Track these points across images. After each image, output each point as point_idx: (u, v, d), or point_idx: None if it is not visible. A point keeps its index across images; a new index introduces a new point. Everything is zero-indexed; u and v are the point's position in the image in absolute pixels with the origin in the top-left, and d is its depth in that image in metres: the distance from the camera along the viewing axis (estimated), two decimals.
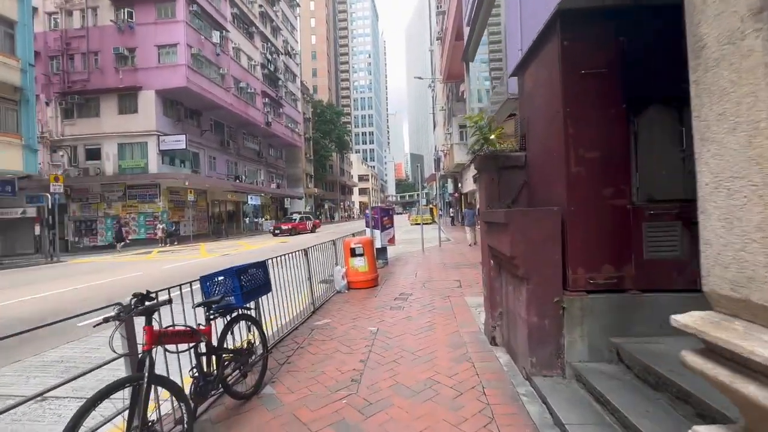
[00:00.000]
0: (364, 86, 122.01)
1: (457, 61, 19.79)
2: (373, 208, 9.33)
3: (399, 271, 8.36)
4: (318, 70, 64.91)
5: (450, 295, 5.81)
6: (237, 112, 28.62)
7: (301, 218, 28.31)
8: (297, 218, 28.23)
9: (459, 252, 11.55)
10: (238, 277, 2.76)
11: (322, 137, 55.30)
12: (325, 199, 59.64)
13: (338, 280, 6.43)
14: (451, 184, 39.78)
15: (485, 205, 3.59)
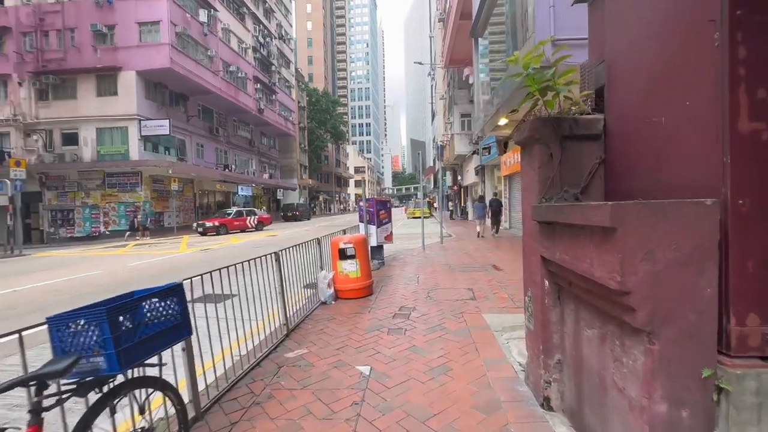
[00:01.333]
0: (362, 76, 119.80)
1: (460, 43, 18.40)
2: (368, 200, 8.05)
3: (397, 275, 7.12)
4: (314, 58, 62.93)
5: (464, 311, 4.58)
6: (227, 97, 27.05)
7: (238, 213, 22.86)
8: (233, 213, 22.67)
9: (464, 250, 10.33)
10: (112, 319, 1.48)
11: (317, 127, 53.71)
12: (320, 190, 58.20)
13: (323, 289, 5.18)
14: (450, 176, 38.61)
15: (536, 196, 2.34)
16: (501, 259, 8.60)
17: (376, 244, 7.98)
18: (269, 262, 3.89)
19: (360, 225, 8.15)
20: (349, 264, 5.34)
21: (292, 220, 33.72)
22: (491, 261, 8.32)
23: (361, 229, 7.99)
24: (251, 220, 23.22)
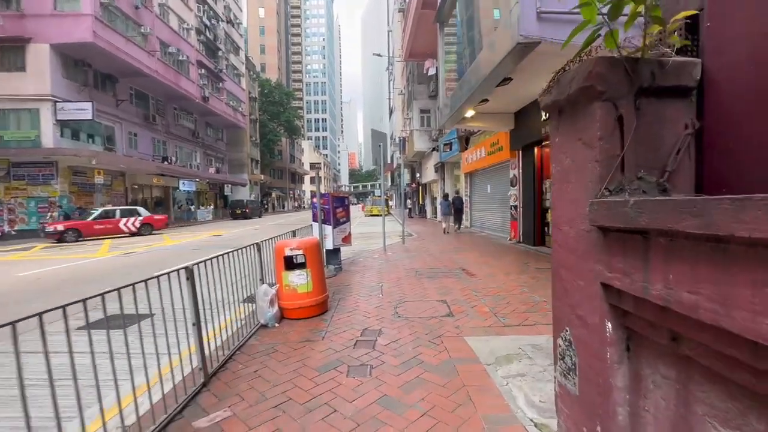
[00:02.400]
0: (318, 70, 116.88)
1: (421, 35, 17.68)
2: (323, 196, 6.96)
3: (357, 284, 6.11)
4: (267, 47, 59.70)
5: (442, 334, 3.68)
6: (165, 81, 24.30)
7: (105, 214, 16.88)
8: (98, 213, 16.83)
9: (428, 252, 9.54)
10: None
11: (269, 120, 50.99)
12: (273, 187, 55.46)
13: (263, 309, 4.04)
14: (408, 174, 38.23)
15: (590, 186, 1.46)
16: (469, 261, 7.89)
17: (332, 247, 6.92)
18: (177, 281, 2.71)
19: (313, 225, 7.03)
20: (298, 275, 4.24)
21: (241, 217, 31.41)
22: (460, 264, 7.57)
23: (315, 231, 6.89)
24: (131, 223, 17.51)
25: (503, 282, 5.84)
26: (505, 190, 12.00)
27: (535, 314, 4.20)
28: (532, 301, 4.74)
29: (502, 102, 8.94)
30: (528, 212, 10.15)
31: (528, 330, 3.74)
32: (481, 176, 14.76)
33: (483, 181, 14.56)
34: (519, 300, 4.80)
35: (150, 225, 18.71)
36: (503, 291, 5.27)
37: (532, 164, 9.80)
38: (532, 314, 4.21)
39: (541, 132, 8.51)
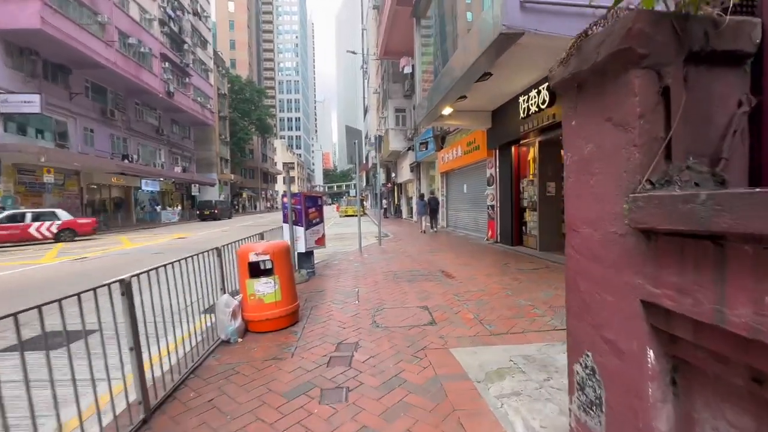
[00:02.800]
0: (291, 68, 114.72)
1: (397, 32, 17.41)
2: (295, 195, 6.49)
3: (332, 289, 5.70)
4: (237, 43, 57.78)
5: (425, 346, 3.35)
6: (124, 74, 22.82)
7: (11, 218, 14.48)
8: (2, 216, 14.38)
9: (406, 253, 9.24)
10: None
11: (240, 117, 49.35)
12: (244, 187, 53.75)
13: (224, 322, 3.57)
14: (383, 174, 37.99)
15: (630, 177, 1.15)
16: (448, 262, 7.64)
17: (304, 250, 6.46)
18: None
19: (284, 227, 6.56)
20: (265, 284, 3.79)
21: (210, 219, 30.10)
22: (439, 266, 7.30)
23: (286, 233, 6.42)
24: (45, 228, 14.83)
25: (485, 285, 5.60)
26: (481, 189, 11.89)
27: (522, 320, 3.95)
28: (517, 305, 4.50)
29: (480, 99, 8.77)
30: (505, 212, 10.05)
31: (517, 339, 3.47)
32: (458, 176, 14.64)
33: (459, 180, 14.45)
34: (503, 304, 4.54)
35: (72, 230, 15.61)
36: (486, 294, 5.02)
37: (509, 163, 9.70)
38: (519, 320, 3.95)
39: (519, 130, 8.39)
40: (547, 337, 3.47)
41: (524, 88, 7.93)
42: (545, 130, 7.89)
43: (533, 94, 7.55)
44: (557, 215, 8.76)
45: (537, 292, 5.10)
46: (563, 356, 3.06)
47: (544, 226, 8.54)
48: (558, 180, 8.69)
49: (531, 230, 9.13)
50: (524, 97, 7.95)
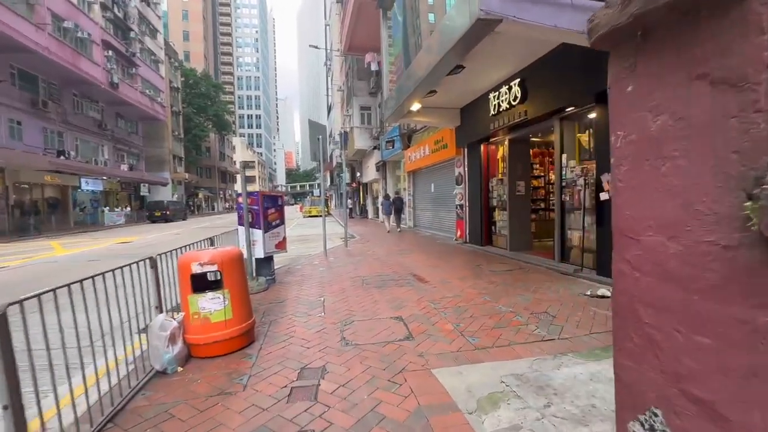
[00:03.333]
0: (251, 64, 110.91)
1: (362, 26, 16.91)
2: (252, 195, 5.83)
3: (294, 299, 5.11)
4: (191, 34, 54.58)
5: (404, 367, 2.90)
6: (59, 61, 20.55)
7: None
8: None
9: (374, 255, 8.78)
10: None
11: (195, 113, 46.66)
12: (200, 186, 50.91)
13: (159, 349, 2.92)
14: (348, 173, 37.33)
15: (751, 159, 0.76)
16: (418, 264, 7.27)
17: (263, 255, 5.81)
18: None
19: (239, 230, 5.87)
20: (212, 299, 3.17)
21: (161, 221, 28.00)
22: (409, 269, 6.91)
23: (241, 237, 5.75)
24: None
25: (460, 289, 5.25)
26: (450, 188, 11.68)
27: (506, 330, 3.61)
28: (497, 312, 4.17)
29: (450, 95, 8.49)
30: (474, 211, 9.87)
31: (504, 353, 3.11)
32: (425, 175, 14.40)
33: (427, 179, 14.21)
34: (483, 311, 4.20)
35: None
36: (463, 301, 4.67)
37: (478, 162, 9.52)
38: (502, 330, 3.61)
39: (488, 128, 8.19)
40: (536, 350, 3.14)
41: (494, 85, 7.73)
42: (515, 128, 7.73)
43: (504, 91, 7.36)
44: (527, 215, 8.67)
45: (514, 296, 4.82)
46: (558, 373, 2.73)
47: (514, 225, 8.41)
48: (528, 179, 8.59)
49: (501, 230, 8.99)
50: (494, 93, 7.75)
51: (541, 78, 6.44)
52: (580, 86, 5.61)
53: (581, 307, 4.23)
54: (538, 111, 6.62)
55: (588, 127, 6.35)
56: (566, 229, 6.72)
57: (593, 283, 5.31)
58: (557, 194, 6.80)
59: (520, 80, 6.88)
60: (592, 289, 4.83)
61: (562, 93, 6.01)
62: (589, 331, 3.51)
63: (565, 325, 3.67)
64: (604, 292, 4.69)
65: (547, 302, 4.48)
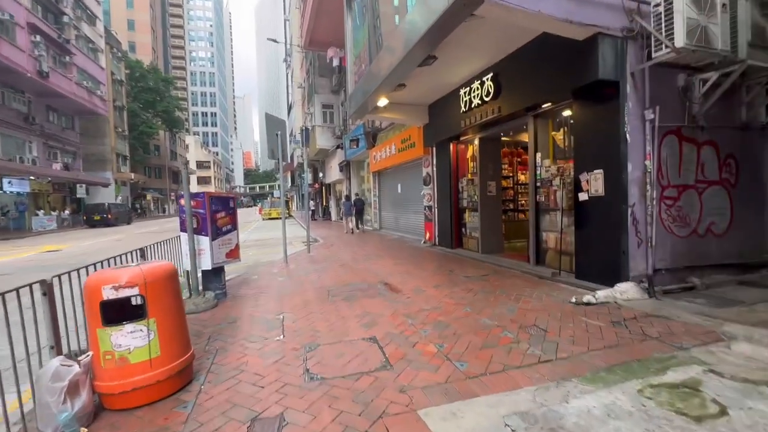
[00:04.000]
0: (205, 59, 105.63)
1: (324, 18, 16.14)
2: (196, 197, 5.01)
3: (247, 319, 4.38)
4: (137, 23, 50.65)
5: (385, 410, 2.33)
6: None
7: None
8: None
9: (339, 261, 8.14)
10: None
11: (142, 108, 43.28)
12: (148, 187, 47.34)
13: (51, 407, 2.14)
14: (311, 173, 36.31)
15: None
16: (388, 271, 6.74)
17: (211, 266, 5.01)
18: None
19: (182, 237, 5.03)
20: (131, 334, 2.43)
21: (102, 225, 25.50)
22: (379, 276, 6.36)
23: (184, 246, 4.94)
24: None
25: (437, 299, 4.77)
26: (417, 189, 11.28)
27: (497, 350, 3.15)
28: (482, 327, 3.72)
29: (418, 91, 8.05)
30: (444, 213, 9.51)
31: (500, 382, 2.63)
32: (391, 175, 13.93)
33: (393, 180, 13.74)
34: (467, 327, 3.73)
35: None
36: (442, 314, 4.18)
37: (447, 162, 9.17)
38: (493, 350, 3.15)
39: (459, 126, 7.83)
40: (535, 376, 2.70)
41: (466, 80, 7.37)
42: (487, 126, 7.42)
43: (475, 86, 7.01)
44: (499, 216, 8.42)
45: (497, 305, 4.41)
46: (568, 408, 2.28)
47: (486, 227, 8.12)
48: (499, 179, 8.34)
49: (471, 232, 8.68)
50: (465, 89, 7.40)
51: (515, 72, 6.14)
52: (557, 81, 5.33)
53: (570, 318, 3.88)
54: (512, 107, 6.31)
55: (563, 124, 6.12)
56: (541, 231, 6.47)
57: (575, 289, 5.04)
58: (531, 195, 6.54)
59: (493, 74, 6.55)
60: (577, 296, 4.52)
61: (538, 88, 5.73)
62: (587, 348, 3.13)
63: (559, 342, 3.27)
64: (589, 299, 4.39)
65: (533, 313, 4.09)
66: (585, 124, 5.22)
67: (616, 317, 3.86)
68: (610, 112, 4.83)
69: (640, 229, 4.81)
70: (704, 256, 5.26)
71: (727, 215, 5.45)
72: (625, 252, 4.75)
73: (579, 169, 5.32)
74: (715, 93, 4.92)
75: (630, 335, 3.38)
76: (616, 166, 4.78)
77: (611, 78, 4.65)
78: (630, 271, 4.77)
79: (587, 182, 5.18)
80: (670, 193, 5.06)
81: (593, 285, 4.98)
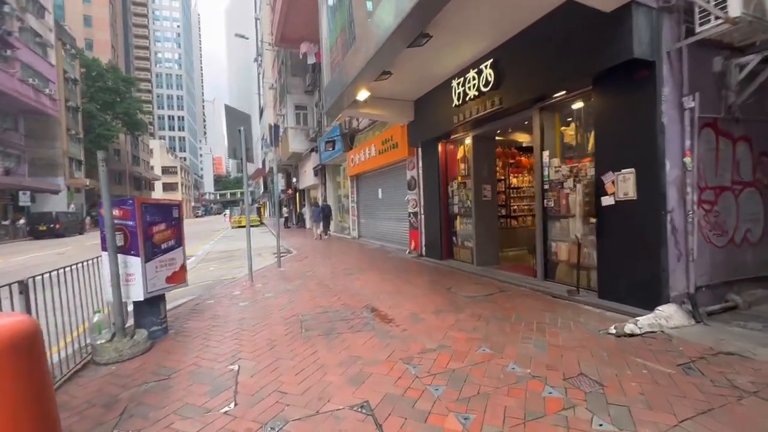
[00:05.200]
0: (172, 60, 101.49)
1: (296, 12, 15.07)
2: (122, 205, 3.79)
3: (187, 372, 3.20)
4: (94, 19, 47.35)
5: None
6: None
7: None
8: None
9: (315, 278, 7.01)
10: None
11: (100, 110, 40.23)
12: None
13: None
14: (283, 179, 34.80)
15: None
16: (373, 290, 5.67)
17: (143, 296, 3.79)
18: None
19: (104, 257, 3.78)
20: None
21: (49, 236, 23.00)
22: (364, 298, 5.28)
23: (105, 270, 3.71)
24: None
25: (441, 332, 3.76)
26: (401, 194, 10.32)
27: (550, 425, 2.16)
28: (513, 379, 2.73)
29: (405, 82, 7.11)
30: (432, 220, 8.57)
31: None
32: (371, 179, 12.91)
33: (373, 184, 12.72)
34: (493, 380, 2.73)
35: None
36: (454, 357, 3.17)
37: (436, 163, 8.26)
38: (543, 425, 2.15)
39: (451, 122, 6.92)
40: None
41: (460, 68, 6.48)
42: (483, 122, 6.56)
43: (471, 75, 6.13)
44: (495, 223, 7.56)
45: (520, 340, 3.45)
46: None
47: (482, 236, 7.23)
48: (494, 182, 7.50)
49: (464, 241, 7.77)
50: (459, 80, 6.51)
51: (520, 58, 5.28)
52: (574, 66, 4.51)
53: (622, 359, 2.97)
54: (516, 99, 5.46)
55: (574, 118, 5.31)
56: (550, 240, 5.62)
57: (603, 312, 4.17)
58: (538, 199, 5.68)
59: (493, 61, 5.68)
60: (616, 324, 3.63)
61: (549, 76, 4.88)
62: (674, 415, 2.20)
63: (630, 405, 2.33)
64: (632, 329, 3.51)
65: (570, 351, 3.16)
66: (609, 115, 4.40)
67: (678, 356, 2.98)
68: (642, 100, 4.02)
69: (679, 239, 4.01)
70: (741, 268, 4.55)
71: (761, 221, 4.79)
72: (665, 268, 3.93)
73: (601, 169, 4.49)
74: (754, 81, 4.24)
75: (714, 388, 2.49)
76: (651, 164, 3.97)
77: (646, 57, 3.85)
78: (670, 290, 3.95)
79: (612, 184, 4.35)
80: (708, 196, 4.31)
81: (623, 307, 4.14)
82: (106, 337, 3.55)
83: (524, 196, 9.41)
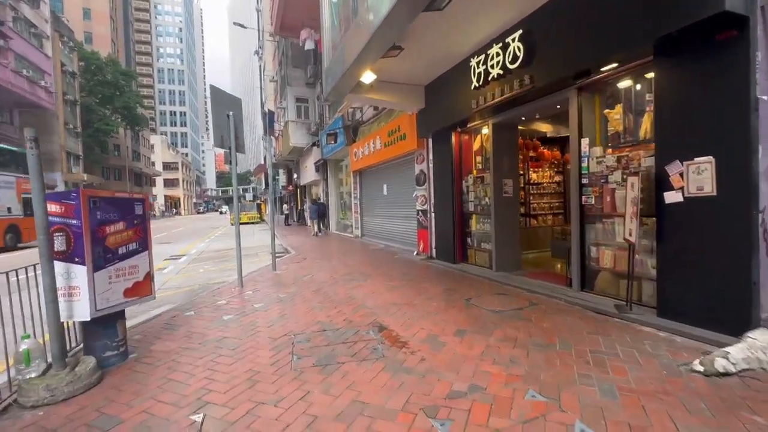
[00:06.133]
0: (174, 55, 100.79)
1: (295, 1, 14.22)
2: (64, 199, 2.97)
3: (132, 424, 2.37)
4: (93, 12, 46.54)
5: None
6: None
7: None
8: None
9: (312, 283, 6.20)
10: None
11: (99, 104, 39.58)
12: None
13: None
14: (284, 175, 34.08)
15: None
16: (380, 300, 4.85)
17: (90, 315, 2.97)
18: None
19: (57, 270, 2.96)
20: None
21: None
22: (369, 311, 4.46)
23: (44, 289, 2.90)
24: None
25: (470, 364, 2.93)
26: (408, 190, 9.48)
27: None
28: None
29: (416, 62, 6.26)
30: (443, 219, 7.73)
31: None
32: (376, 174, 12.07)
33: (378, 180, 11.87)
34: None
35: None
36: (495, 406, 2.33)
37: (449, 156, 7.41)
38: None
39: (469, 107, 6.06)
40: None
41: (482, 44, 5.62)
42: (505, 107, 5.70)
43: (495, 52, 5.26)
44: (516, 223, 6.71)
45: (575, 379, 2.62)
46: None
47: (501, 238, 6.38)
48: (516, 176, 6.64)
49: (480, 243, 6.93)
50: (479, 58, 5.64)
51: (559, 27, 4.42)
52: (629, 31, 3.64)
53: (731, 415, 2.13)
54: (552, 75, 4.59)
55: (622, 98, 4.44)
56: (588, 244, 4.77)
57: (670, 336, 3.32)
58: (574, 195, 4.83)
59: (522, 33, 4.81)
60: (703, 359, 2.78)
61: (596, 44, 4.02)
62: None
63: None
64: (724, 364, 2.66)
65: (652, 401, 2.32)
66: (677, 89, 3.53)
67: None
68: (728, 68, 3.15)
69: None
70: None
71: None
72: (756, 281, 3.08)
73: (664, 158, 3.63)
74: None
75: None
76: (738, 150, 3.10)
77: (739, 11, 2.98)
78: (762, 311, 3.10)
79: (680, 176, 3.49)
80: None
81: (695, 330, 3.29)
82: (37, 370, 2.74)
83: (544, 193, 8.56)
